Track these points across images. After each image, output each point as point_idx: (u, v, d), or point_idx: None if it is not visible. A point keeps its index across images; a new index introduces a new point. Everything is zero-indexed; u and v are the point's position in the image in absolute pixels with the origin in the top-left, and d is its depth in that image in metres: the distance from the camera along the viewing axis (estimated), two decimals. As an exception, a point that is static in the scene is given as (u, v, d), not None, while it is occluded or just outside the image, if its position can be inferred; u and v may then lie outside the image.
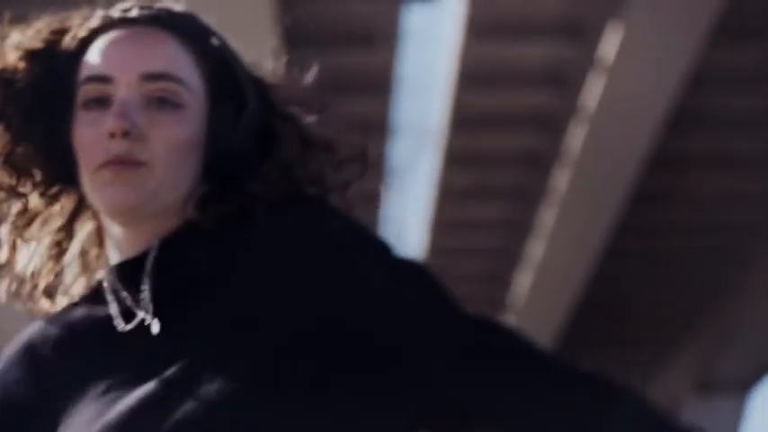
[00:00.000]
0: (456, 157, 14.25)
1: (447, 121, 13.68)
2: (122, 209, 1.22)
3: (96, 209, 1.25)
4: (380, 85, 12.81)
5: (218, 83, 1.28)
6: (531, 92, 13.08)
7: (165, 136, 1.22)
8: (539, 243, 14.48)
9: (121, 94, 1.23)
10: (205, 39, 1.30)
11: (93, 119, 1.23)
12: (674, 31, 10.78)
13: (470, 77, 12.74)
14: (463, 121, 13.53)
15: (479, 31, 12.05)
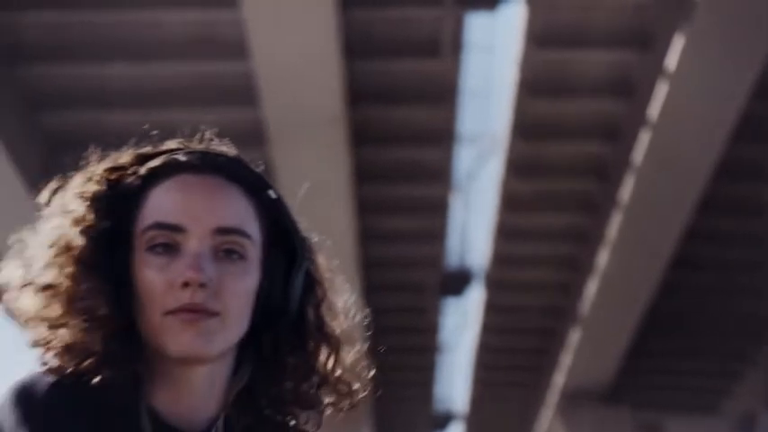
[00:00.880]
0: (520, 166, 14.26)
1: (510, 130, 13.70)
2: (190, 355, 1.25)
3: (153, 344, 1.26)
4: (444, 95, 12.88)
5: (272, 232, 1.34)
6: (595, 100, 13.05)
7: (234, 288, 1.26)
8: (605, 252, 14.40)
9: (194, 245, 1.26)
10: (265, 191, 1.35)
11: (162, 264, 1.25)
12: (741, 40, 10.69)
13: (533, 86, 12.76)
14: (527, 129, 13.54)
15: (541, 39, 12.07)
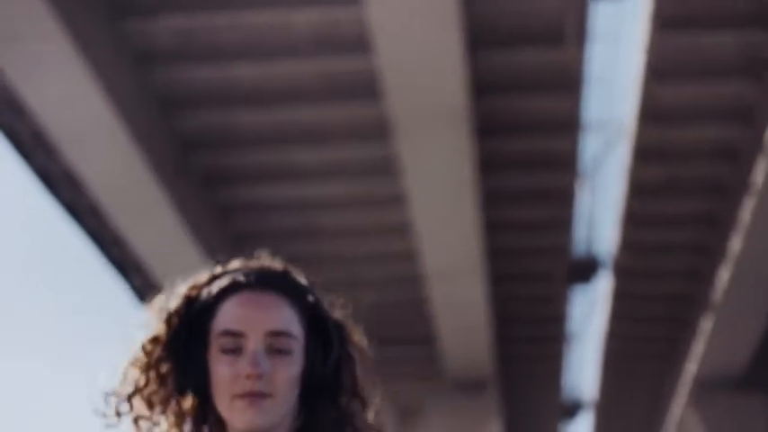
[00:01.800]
0: (647, 152, 14.09)
1: (637, 116, 13.54)
2: (252, 428, 1.71)
3: (223, 418, 1.73)
4: (569, 83, 12.80)
5: (312, 328, 1.79)
6: (724, 82, 12.81)
7: (283, 376, 1.71)
8: (737, 237, 14.12)
9: (252, 346, 1.72)
10: (305, 297, 1.81)
11: (230, 361, 1.72)
12: None
13: (660, 70, 12.59)
14: (654, 114, 13.37)
15: (667, 24, 11.90)
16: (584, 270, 16.37)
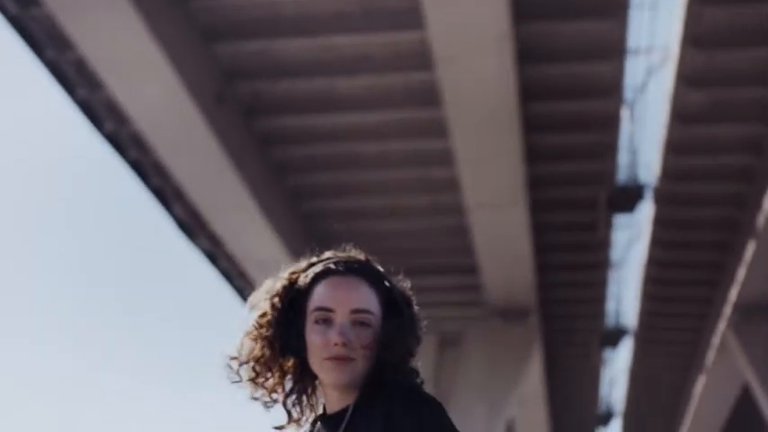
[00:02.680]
0: (692, 77, 13.91)
1: (681, 40, 13.35)
2: (338, 385, 2.20)
3: (317, 375, 2.23)
4: (613, 8, 12.63)
5: (386, 305, 2.25)
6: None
7: (362, 344, 2.18)
8: (782, 163, 13.97)
9: (339, 320, 2.20)
10: (381, 282, 2.28)
11: (322, 331, 2.20)
12: None
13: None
14: (699, 38, 13.17)
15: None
16: (627, 197, 16.28)
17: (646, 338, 21.25)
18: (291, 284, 2.27)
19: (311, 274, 2.26)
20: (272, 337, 2.23)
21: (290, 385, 2.28)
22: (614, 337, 21.21)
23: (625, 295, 20.65)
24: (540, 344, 19.42)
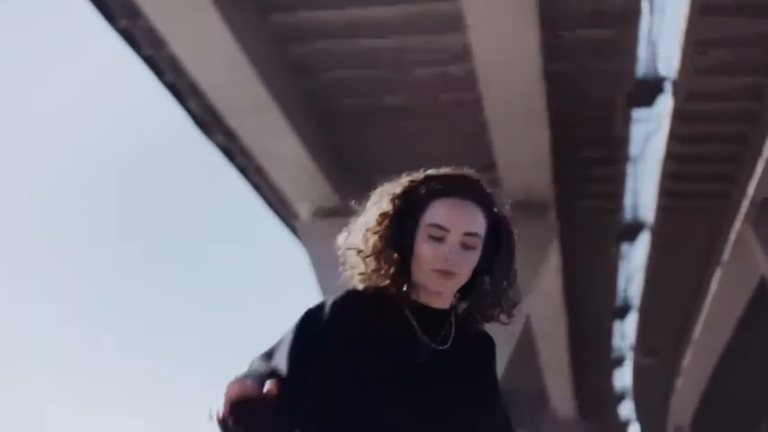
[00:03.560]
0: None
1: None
2: (437, 292, 2.42)
3: (416, 279, 2.42)
4: None
5: (491, 231, 2.44)
6: None
7: (467, 264, 2.40)
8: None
9: (452, 239, 2.38)
10: (492, 207, 2.45)
11: (433, 246, 2.38)
12: None
13: None
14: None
15: None
16: (646, 91, 16.15)
17: (663, 233, 21.28)
18: (409, 192, 2.44)
19: (431, 189, 2.43)
20: (389, 233, 2.42)
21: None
22: (632, 232, 21.25)
23: (642, 190, 20.59)
24: (558, 239, 19.49)
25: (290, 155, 16.68)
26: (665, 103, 17.01)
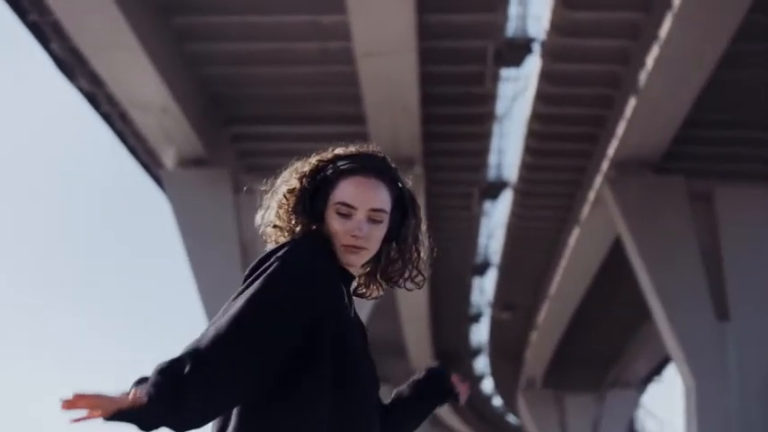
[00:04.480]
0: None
1: None
2: (352, 265, 2.61)
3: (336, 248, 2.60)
4: None
5: (396, 205, 2.63)
6: None
7: (374, 237, 2.59)
8: (668, 19, 14.14)
9: (359, 216, 2.57)
10: (397, 182, 2.64)
11: (342, 222, 2.57)
12: None
13: None
14: None
15: None
16: (515, 50, 16.33)
17: (525, 192, 21.67)
18: (317, 171, 2.61)
19: (338, 168, 2.59)
20: (297, 208, 2.59)
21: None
22: (495, 189, 21.57)
23: (507, 149, 20.88)
24: (422, 192, 19.64)
25: (156, 102, 16.33)
26: (533, 63, 17.27)
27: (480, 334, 33.10)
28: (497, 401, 41.60)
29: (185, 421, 2.25)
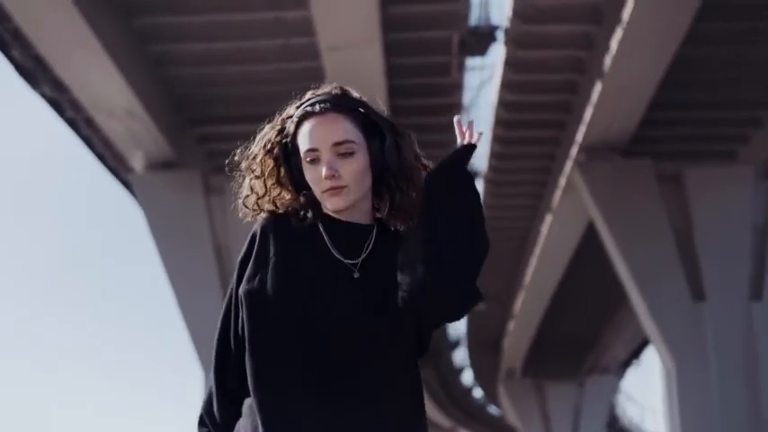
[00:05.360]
0: None
1: None
2: (338, 210, 2.51)
3: (320, 200, 2.52)
4: None
5: (368, 130, 2.52)
6: None
7: (349, 170, 2.48)
8: (629, 3, 14.18)
9: (325, 156, 2.49)
10: (357, 109, 2.52)
11: (313, 169, 2.50)
12: None
13: None
14: None
15: None
16: (479, 39, 16.33)
17: (495, 181, 21.67)
18: (282, 130, 2.55)
19: (294, 119, 2.53)
20: (270, 174, 2.54)
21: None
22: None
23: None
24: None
25: (121, 106, 16.21)
26: (497, 51, 17.26)
27: (458, 327, 33.14)
28: (478, 393, 41.67)
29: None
